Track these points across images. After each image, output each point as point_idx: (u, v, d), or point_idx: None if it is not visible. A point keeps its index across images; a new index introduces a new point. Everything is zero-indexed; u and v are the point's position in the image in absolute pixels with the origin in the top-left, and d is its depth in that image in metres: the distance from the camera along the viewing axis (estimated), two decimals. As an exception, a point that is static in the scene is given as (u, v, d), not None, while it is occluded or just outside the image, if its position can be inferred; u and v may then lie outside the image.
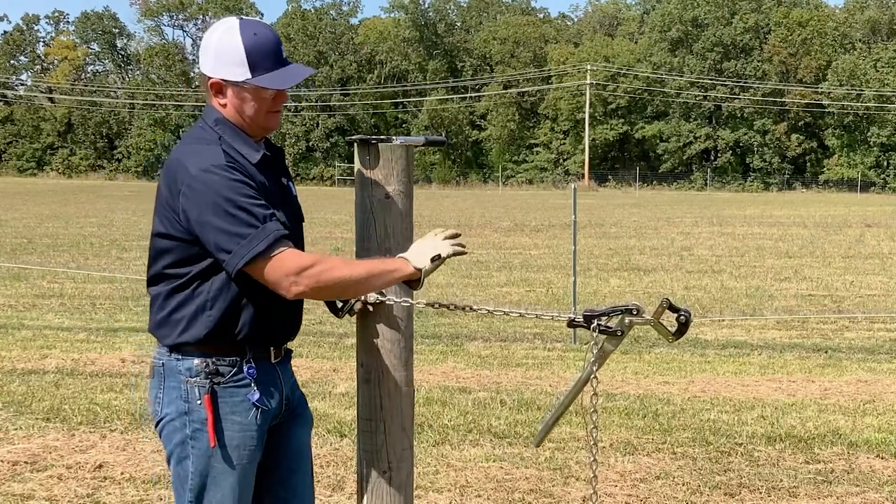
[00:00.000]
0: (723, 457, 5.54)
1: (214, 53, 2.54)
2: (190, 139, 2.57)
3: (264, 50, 2.53)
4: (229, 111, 2.58)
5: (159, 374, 2.60)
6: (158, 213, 2.55)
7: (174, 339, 2.55)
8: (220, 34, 2.54)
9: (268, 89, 2.55)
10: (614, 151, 73.96)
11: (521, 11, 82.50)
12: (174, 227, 2.49)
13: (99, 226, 24.31)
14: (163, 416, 2.58)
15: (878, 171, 66.95)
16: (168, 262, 2.54)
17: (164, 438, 2.60)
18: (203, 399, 2.53)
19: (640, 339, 9.57)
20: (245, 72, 2.52)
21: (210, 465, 2.54)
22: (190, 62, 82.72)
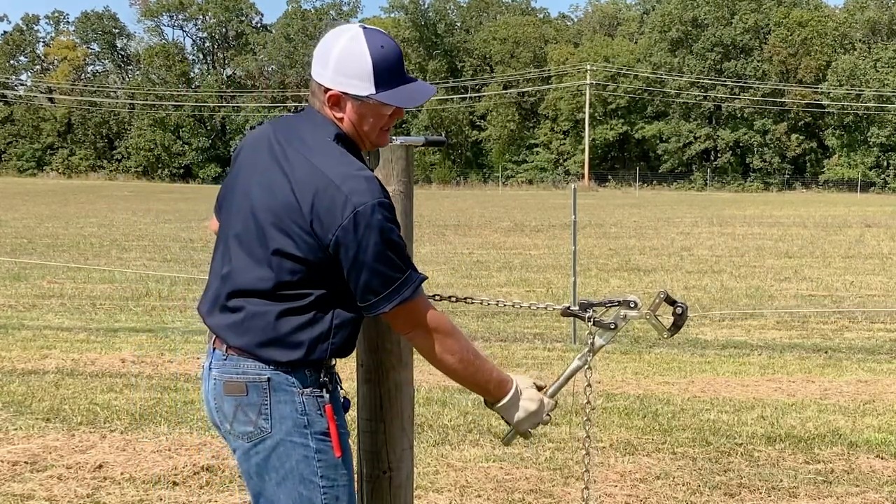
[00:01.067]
0: (723, 457, 5.54)
1: (336, 64, 2.38)
2: (334, 158, 2.37)
3: (390, 65, 2.40)
4: (346, 125, 2.44)
5: (261, 389, 2.42)
6: (286, 227, 2.34)
7: (286, 359, 2.41)
8: (343, 44, 2.38)
9: (389, 106, 2.43)
10: (614, 151, 73.98)
11: (521, 11, 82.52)
12: (309, 251, 2.33)
13: (99, 226, 24.32)
14: (273, 434, 2.42)
15: (878, 171, 66.97)
16: (287, 281, 2.37)
17: (276, 457, 2.43)
18: (324, 409, 2.43)
19: (640, 340, 9.58)
20: (370, 86, 2.38)
21: (338, 475, 2.46)
22: (190, 62, 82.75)
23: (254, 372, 2.42)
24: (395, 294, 2.33)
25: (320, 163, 2.35)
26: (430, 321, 2.40)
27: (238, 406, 2.44)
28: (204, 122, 77.55)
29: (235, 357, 2.44)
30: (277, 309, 2.38)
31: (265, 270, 2.39)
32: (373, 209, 2.28)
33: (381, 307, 2.34)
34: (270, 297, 2.38)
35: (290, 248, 2.34)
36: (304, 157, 2.38)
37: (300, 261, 2.34)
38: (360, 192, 2.29)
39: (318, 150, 2.38)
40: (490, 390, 2.50)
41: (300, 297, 2.37)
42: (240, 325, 2.42)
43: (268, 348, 2.40)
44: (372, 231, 2.28)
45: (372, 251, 2.29)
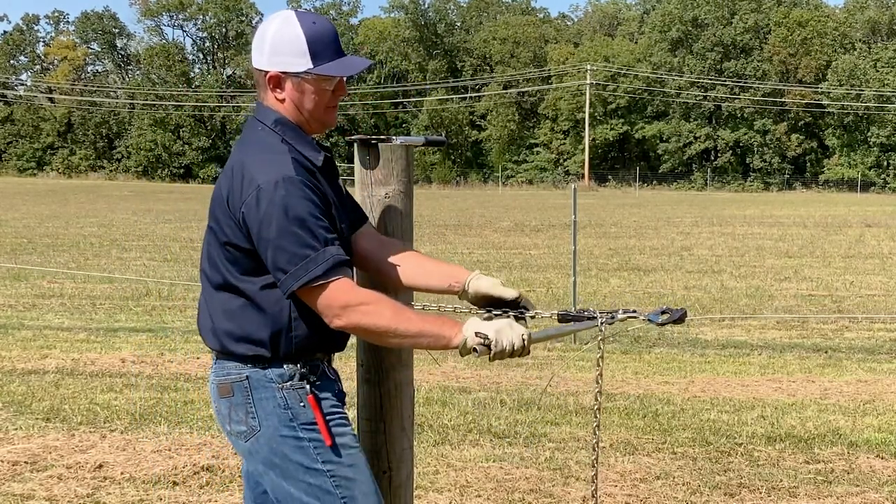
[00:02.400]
0: (723, 457, 5.54)
1: (271, 45, 2.42)
2: (253, 144, 2.44)
3: (325, 38, 2.42)
4: (287, 107, 2.46)
5: (243, 388, 2.45)
6: (219, 220, 2.42)
7: (253, 354, 2.43)
8: (276, 26, 2.42)
9: (330, 79, 2.44)
10: (614, 151, 73.97)
11: (521, 11, 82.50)
12: (236, 236, 2.38)
13: (99, 226, 24.31)
14: (263, 431, 2.44)
15: (878, 171, 66.95)
16: (236, 271, 2.41)
17: (272, 453, 2.44)
18: (307, 400, 2.43)
19: (640, 340, 9.58)
20: (306, 62, 2.40)
21: (343, 457, 2.44)
22: (190, 62, 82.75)
23: (235, 372, 2.46)
24: (303, 271, 2.29)
25: (242, 150, 2.43)
26: (346, 301, 2.31)
27: (230, 407, 2.48)
28: (204, 122, 77.54)
29: (220, 360, 2.50)
30: (235, 304, 2.43)
31: (212, 266, 2.46)
32: (276, 185, 2.30)
33: (289, 285, 2.30)
34: (228, 290, 2.43)
35: (220, 237, 2.41)
36: (234, 150, 2.47)
37: (233, 248, 2.39)
38: (265, 170, 2.34)
39: (245, 140, 2.47)
40: (444, 343, 2.38)
41: (249, 286, 2.40)
42: (211, 326, 2.49)
43: (236, 344, 2.44)
44: (274, 206, 2.29)
45: (275, 227, 2.29)
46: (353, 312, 2.31)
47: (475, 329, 2.38)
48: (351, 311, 2.31)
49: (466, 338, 2.37)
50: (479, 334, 2.38)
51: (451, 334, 2.38)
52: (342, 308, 2.31)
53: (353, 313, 2.31)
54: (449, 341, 2.38)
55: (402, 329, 2.33)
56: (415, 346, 2.42)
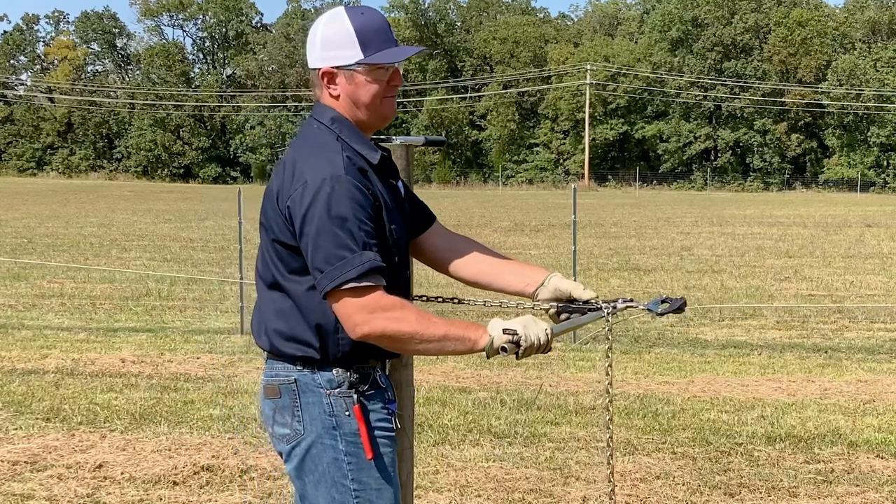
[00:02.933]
0: (723, 457, 5.54)
1: (321, 42, 2.40)
2: (307, 141, 2.41)
3: (374, 29, 2.40)
4: (343, 103, 2.44)
5: (290, 391, 2.40)
6: (270, 217, 2.39)
7: (302, 354, 2.39)
8: (324, 23, 2.42)
9: (383, 69, 2.41)
10: (614, 151, 73.95)
11: (521, 11, 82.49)
12: (283, 233, 2.34)
13: (99, 226, 24.31)
14: (306, 436, 2.40)
15: (878, 171, 66.95)
16: (284, 270, 2.38)
17: (310, 459, 2.41)
18: (352, 410, 2.39)
19: (639, 340, 9.58)
20: (357, 53, 2.38)
21: (371, 478, 2.41)
22: (190, 62, 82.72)
23: (283, 374, 2.42)
24: (338, 272, 2.24)
25: (296, 148, 2.41)
26: (377, 308, 2.26)
27: (275, 409, 2.44)
28: (204, 122, 77.52)
29: (270, 360, 2.46)
30: (285, 303, 2.39)
31: (264, 265, 2.44)
32: (322, 182, 2.27)
33: (324, 285, 2.25)
34: (279, 290, 2.40)
35: (270, 234, 2.38)
36: (290, 148, 2.44)
37: (281, 246, 2.36)
38: (315, 167, 2.31)
39: (301, 138, 2.45)
40: (470, 337, 2.35)
41: (299, 286, 2.36)
42: (262, 326, 2.45)
43: (286, 344, 2.40)
44: (318, 204, 2.26)
45: (316, 224, 2.26)
46: (379, 319, 2.26)
47: (502, 326, 2.36)
48: (377, 318, 2.26)
49: (493, 337, 2.35)
50: (507, 331, 2.35)
51: (476, 336, 2.35)
52: (370, 314, 2.25)
53: (378, 320, 2.26)
54: (475, 343, 2.35)
55: (428, 334, 2.29)
56: (440, 351, 2.35)
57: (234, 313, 10.50)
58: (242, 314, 9.78)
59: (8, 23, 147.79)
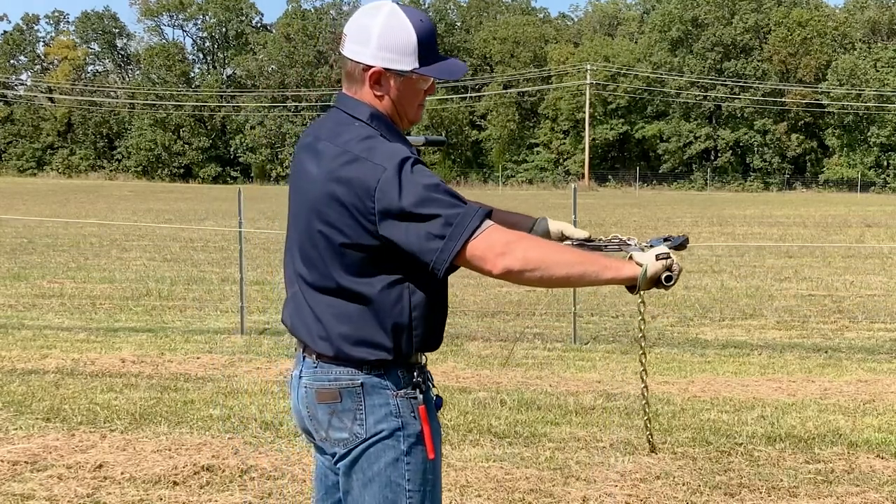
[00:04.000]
0: (723, 457, 5.54)
1: (379, 41, 2.34)
2: (358, 137, 2.34)
3: (431, 38, 2.39)
4: (385, 104, 2.41)
5: (354, 394, 2.37)
6: (333, 221, 2.30)
7: (374, 358, 2.36)
8: (385, 20, 2.35)
9: (428, 79, 2.41)
10: (614, 151, 73.96)
11: (521, 11, 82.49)
12: (359, 235, 2.28)
13: (99, 226, 24.31)
14: (369, 437, 2.37)
15: (878, 171, 66.94)
16: (354, 273, 2.32)
17: (366, 459, 2.38)
18: (418, 411, 2.39)
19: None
20: (414, 61, 2.36)
21: (425, 479, 2.41)
22: (190, 62, 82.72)
23: (346, 377, 2.38)
24: (461, 228, 2.22)
25: (345, 144, 2.33)
26: (506, 240, 2.24)
27: (333, 413, 2.40)
28: (204, 122, 77.51)
29: (327, 364, 2.40)
30: (352, 307, 2.35)
31: (316, 270, 2.37)
32: (402, 162, 2.24)
33: (451, 248, 2.22)
34: (342, 295, 2.35)
35: (340, 238, 2.30)
36: (331, 145, 2.36)
37: (354, 248, 2.30)
38: (387, 155, 2.27)
39: (345, 135, 2.36)
40: (609, 265, 2.31)
41: (368, 288, 2.32)
42: (322, 331, 2.39)
43: (354, 349, 2.36)
44: (408, 184, 2.22)
45: (417, 200, 2.21)
46: (517, 248, 2.23)
47: (655, 253, 2.32)
48: (515, 248, 2.23)
49: (646, 265, 2.31)
50: (660, 256, 2.31)
51: (616, 266, 2.31)
52: (506, 245, 2.23)
53: (517, 249, 2.22)
54: (617, 271, 2.31)
55: (563, 259, 2.27)
56: (581, 277, 2.29)
57: (234, 313, 10.50)
58: (242, 314, 9.78)
59: (8, 23, 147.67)
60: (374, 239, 2.28)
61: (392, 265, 2.32)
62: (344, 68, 2.44)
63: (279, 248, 18.18)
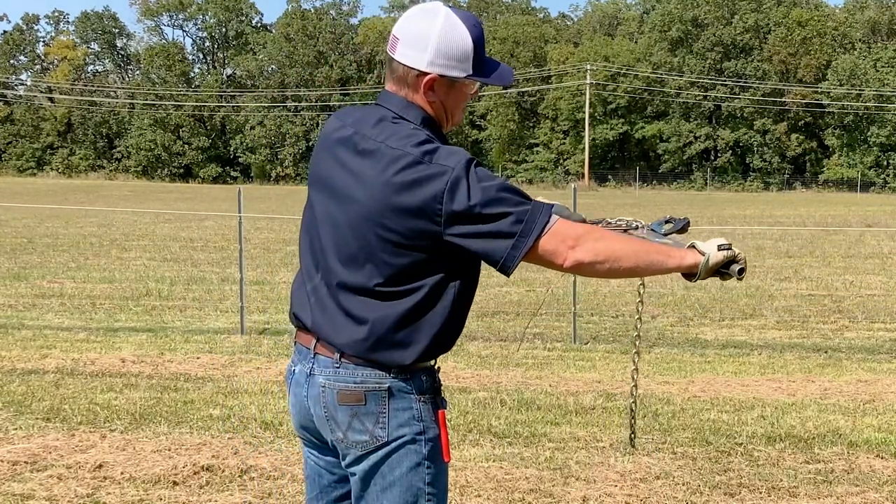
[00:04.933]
0: (723, 457, 5.54)
1: (437, 48, 2.32)
2: (413, 138, 2.31)
3: (482, 44, 2.40)
4: (435, 109, 2.41)
5: (379, 397, 2.35)
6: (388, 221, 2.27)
7: (409, 361, 2.33)
8: (441, 26, 2.33)
9: (475, 84, 2.42)
10: (614, 151, 73.96)
11: (521, 11, 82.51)
12: (412, 238, 2.26)
13: (99, 226, 24.31)
14: (391, 441, 2.35)
15: (878, 171, 66.96)
16: (401, 276, 2.30)
17: (387, 464, 2.37)
18: (437, 415, 2.40)
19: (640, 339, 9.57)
20: (468, 67, 2.37)
21: (442, 482, 2.44)
22: (190, 62, 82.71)
23: (373, 381, 2.35)
24: (531, 224, 2.23)
25: (404, 147, 2.29)
26: (575, 233, 2.26)
27: (354, 415, 2.36)
28: (204, 122, 77.52)
29: (352, 365, 2.36)
30: (395, 309, 2.32)
31: (375, 270, 2.32)
32: (467, 164, 2.24)
33: (522, 245, 2.23)
34: (386, 297, 2.31)
35: (399, 240, 2.27)
36: (386, 146, 2.32)
37: (413, 250, 2.28)
38: (450, 156, 2.26)
39: (399, 137, 2.33)
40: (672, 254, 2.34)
41: (415, 289, 2.31)
42: (355, 332, 2.34)
43: (388, 352, 2.33)
44: (474, 185, 2.22)
45: (484, 198, 2.21)
46: (587, 241, 2.25)
47: (716, 243, 2.34)
48: (584, 241, 2.25)
49: (709, 254, 2.33)
50: (722, 247, 2.33)
51: (680, 254, 2.34)
52: (576, 239, 2.25)
53: (587, 241, 2.25)
54: (681, 259, 2.34)
55: (630, 249, 2.29)
56: (648, 266, 2.32)
57: (234, 313, 10.50)
58: (242, 314, 9.78)
59: (8, 23, 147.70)
60: (437, 242, 2.26)
61: (443, 268, 2.31)
62: (394, 71, 2.41)
63: (279, 248, 18.18)
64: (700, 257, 2.33)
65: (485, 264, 2.38)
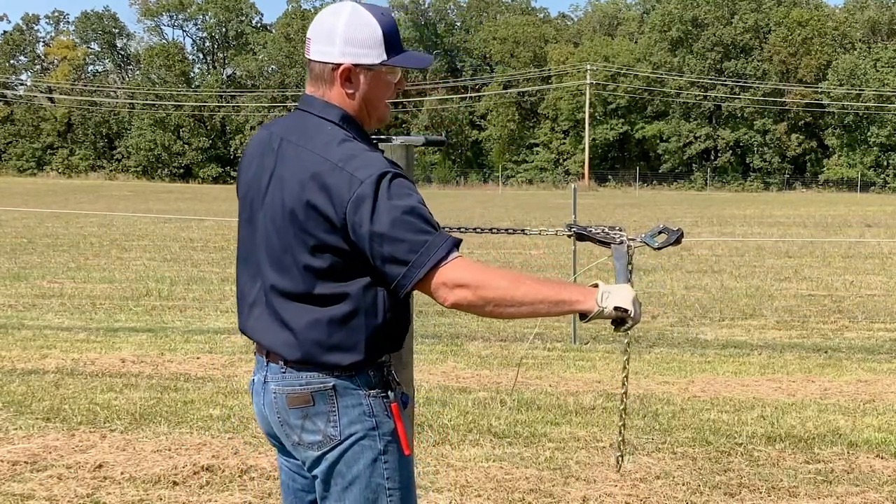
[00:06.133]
0: (723, 457, 5.54)
1: (345, 37, 2.34)
2: (332, 142, 2.31)
3: (395, 31, 2.39)
4: (355, 102, 2.40)
5: (326, 396, 2.36)
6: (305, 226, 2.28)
7: (349, 362, 2.34)
8: (348, 17, 2.35)
9: (395, 73, 2.41)
10: (614, 151, 73.99)
11: (521, 11, 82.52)
12: (333, 239, 2.26)
13: (99, 226, 24.31)
14: (344, 439, 2.36)
15: (878, 171, 67.00)
16: (328, 278, 2.30)
17: (344, 463, 2.38)
18: (390, 409, 2.39)
19: (639, 340, 9.58)
20: (381, 53, 2.36)
21: (403, 476, 2.42)
22: (190, 62, 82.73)
23: (318, 381, 2.36)
24: (425, 258, 2.20)
25: (321, 150, 2.30)
26: (466, 275, 2.22)
27: (305, 416, 2.38)
28: (204, 122, 77.55)
29: (296, 369, 2.38)
30: (325, 312, 2.32)
31: (287, 275, 2.35)
32: (380, 177, 2.22)
33: (413, 276, 2.21)
34: (317, 301, 2.32)
35: (316, 244, 2.28)
36: (304, 149, 2.33)
37: (331, 252, 2.28)
38: (364, 166, 2.25)
39: (319, 139, 2.34)
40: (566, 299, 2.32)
41: (343, 293, 2.31)
42: (292, 338, 2.36)
43: (327, 354, 2.34)
44: (381, 202, 2.20)
45: (388, 219, 2.20)
46: (469, 286, 2.22)
47: (615, 304, 2.33)
48: (467, 285, 2.22)
49: (603, 308, 2.33)
50: (619, 309, 2.33)
51: (578, 297, 2.32)
52: (458, 284, 2.22)
53: (469, 286, 2.22)
54: (572, 305, 2.32)
55: (521, 294, 2.26)
56: (533, 313, 2.30)
57: (233, 313, 10.50)
58: (242, 314, 9.77)
59: (8, 23, 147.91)
60: (348, 245, 2.27)
61: (367, 271, 2.30)
62: (311, 71, 2.43)
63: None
64: (595, 307, 2.32)
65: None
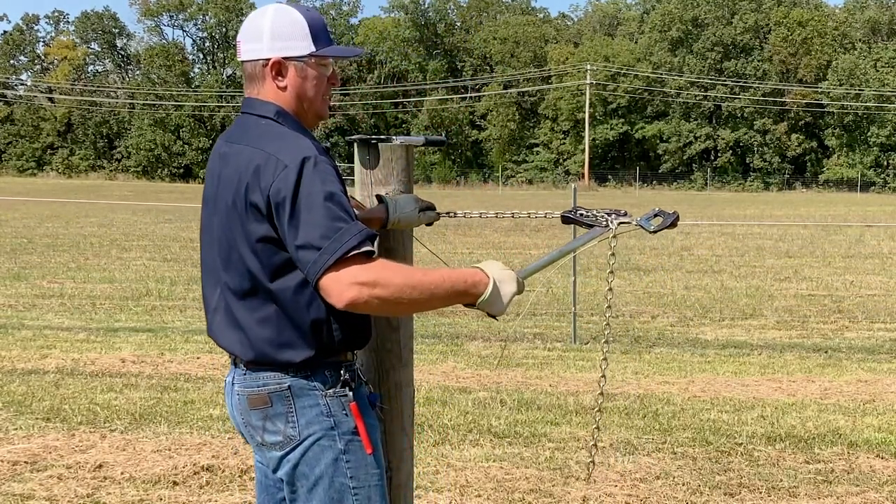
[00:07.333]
0: (723, 457, 5.54)
1: (272, 32, 2.38)
2: (264, 135, 2.35)
3: (321, 24, 2.44)
4: (288, 96, 2.42)
5: (283, 397, 2.37)
6: (243, 221, 2.30)
7: (300, 359, 2.35)
8: (272, 14, 2.41)
9: (327, 65, 2.45)
10: (614, 151, 73.97)
11: (521, 11, 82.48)
12: (267, 230, 2.27)
13: (99, 226, 24.32)
14: (303, 440, 2.37)
15: (878, 171, 66.99)
16: (269, 272, 2.31)
17: (305, 463, 2.39)
18: (349, 408, 2.39)
19: (640, 340, 9.58)
20: (309, 45, 2.40)
21: (368, 474, 2.42)
22: (190, 62, 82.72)
23: (274, 382, 2.38)
24: (337, 244, 2.17)
25: (255, 142, 2.35)
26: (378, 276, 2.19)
27: (266, 418, 2.40)
28: (204, 122, 77.52)
29: (253, 370, 2.41)
30: (270, 308, 2.34)
31: (236, 273, 2.37)
32: (302, 162, 2.24)
33: (323, 262, 2.17)
34: (263, 297, 2.34)
35: (253, 235, 2.30)
36: (244, 147, 2.37)
37: (267, 242, 2.29)
38: (288, 151, 2.27)
39: (254, 133, 2.39)
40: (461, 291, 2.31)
41: (287, 287, 2.31)
42: (245, 337, 2.39)
43: (279, 352, 2.35)
44: (303, 184, 2.21)
45: (305, 203, 2.20)
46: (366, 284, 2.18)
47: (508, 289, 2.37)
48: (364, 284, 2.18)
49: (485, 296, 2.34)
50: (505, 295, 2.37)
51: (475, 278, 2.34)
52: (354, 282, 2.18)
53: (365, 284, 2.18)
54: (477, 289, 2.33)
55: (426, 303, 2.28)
56: (430, 304, 2.30)
57: (234, 313, 10.50)
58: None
59: (8, 23, 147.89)
60: (277, 234, 2.27)
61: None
62: (245, 72, 2.47)
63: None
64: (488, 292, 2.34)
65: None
